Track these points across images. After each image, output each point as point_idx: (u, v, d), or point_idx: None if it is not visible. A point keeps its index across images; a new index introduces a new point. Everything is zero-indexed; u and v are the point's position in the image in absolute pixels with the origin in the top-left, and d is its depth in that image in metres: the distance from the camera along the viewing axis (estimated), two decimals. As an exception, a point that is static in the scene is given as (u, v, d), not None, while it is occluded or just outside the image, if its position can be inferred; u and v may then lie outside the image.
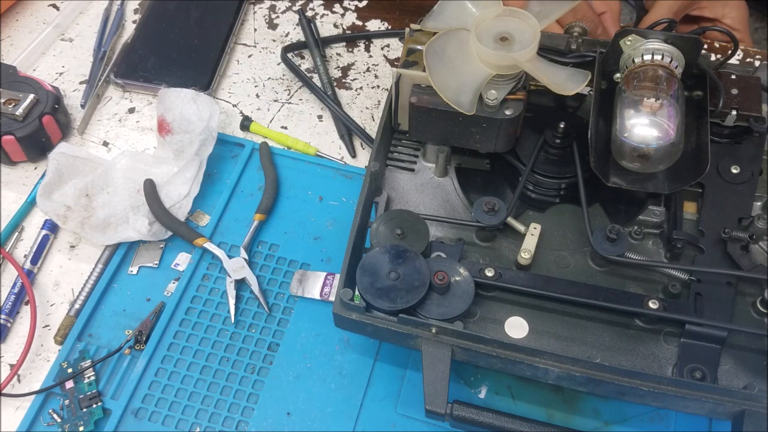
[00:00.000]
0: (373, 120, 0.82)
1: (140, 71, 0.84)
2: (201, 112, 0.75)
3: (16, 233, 0.73)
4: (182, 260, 0.71)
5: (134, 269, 0.70)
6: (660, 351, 0.59)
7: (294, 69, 0.85)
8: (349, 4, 0.93)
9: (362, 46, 0.89)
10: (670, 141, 0.57)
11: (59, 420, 0.62)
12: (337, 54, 0.88)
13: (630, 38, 0.62)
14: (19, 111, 0.74)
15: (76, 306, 0.68)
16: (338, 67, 0.87)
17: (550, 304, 0.60)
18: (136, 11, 0.92)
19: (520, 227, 0.63)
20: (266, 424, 0.62)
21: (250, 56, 0.88)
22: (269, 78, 0.86)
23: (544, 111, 0.68)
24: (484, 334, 0.54)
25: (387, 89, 0.84)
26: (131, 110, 0.83)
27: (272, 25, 0.91)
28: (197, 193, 0.74)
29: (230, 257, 0.70)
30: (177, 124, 0.75)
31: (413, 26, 0.66)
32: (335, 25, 0.91)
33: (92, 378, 0.64)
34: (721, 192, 0.63)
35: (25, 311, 0.69)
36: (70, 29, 0.90)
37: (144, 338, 0.66)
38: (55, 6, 0.92)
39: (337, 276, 0.68)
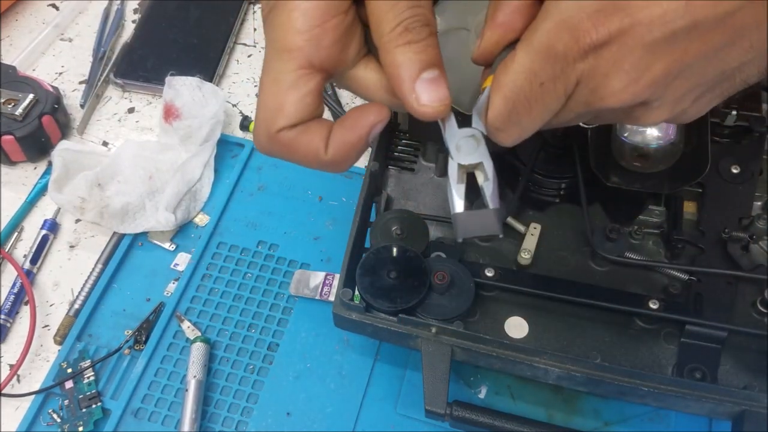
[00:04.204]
0: (373, 120, 0.82)
1: (140, 71, 0.84)
2: (207, 99, 0.76)
3: (16, 233, 0.73)
4: (182, 260, 0.71)
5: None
6: (660, 351, 0.59)
7: (294, 69, 0.85)
8: (348, 4, 0.93)
9: (362, 46, 0.89)
10: (670, 141, 0.57)
11: (59, 420, 0.62)
12: (337, 54, 0.88)
13: (630, 38, 0.62)
14: (19, 111, 0.74)
15: (76, 306, 0.68)
16: (338, 67, 0.87)
17: (550, 304, 0.60)
18: (135, 11, 0.91)
19: (520, 227, 0.63)
20: (266, 424, 0.62)
21: (249, 56, 0.88)
22: (269, 78, 0.86)
23: (544, 111, 0.68)
24: (484, 334, 0.54)
25: (387, 89, 0.83)
26: (131, 110, 0.83)
27: (272, 25, 0.91)
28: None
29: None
30: (187, 109, 0.75)
31: (413, 26, 0.65)
32: (335, 25, 0.90)
33: (92, 378, 0.64)
34: (721, 192, 0.63)
35: (25, 311, 0.68)
36: (70, 29, 0.90)
37: (144, 338, 0.66)
38: (54, 6, 0.92)
39: (337, 276, 0.68)
